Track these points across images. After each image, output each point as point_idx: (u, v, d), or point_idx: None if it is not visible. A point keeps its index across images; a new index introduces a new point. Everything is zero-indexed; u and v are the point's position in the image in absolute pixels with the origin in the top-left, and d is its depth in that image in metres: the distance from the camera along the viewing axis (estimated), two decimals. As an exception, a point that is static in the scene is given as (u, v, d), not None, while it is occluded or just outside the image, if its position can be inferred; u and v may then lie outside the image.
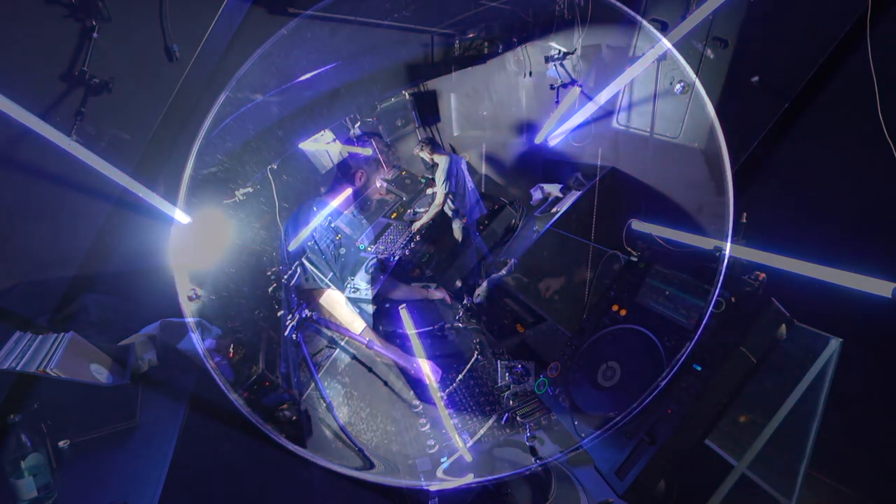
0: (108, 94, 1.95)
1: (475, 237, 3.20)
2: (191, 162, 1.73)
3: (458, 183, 3.24)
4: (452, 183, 3.18)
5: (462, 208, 3.25)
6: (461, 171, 3.25)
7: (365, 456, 1.47)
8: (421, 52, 3.26)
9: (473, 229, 3.23)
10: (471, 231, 3.22)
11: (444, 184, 3.18)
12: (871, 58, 1.73)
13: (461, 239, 3.25)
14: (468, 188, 3.29)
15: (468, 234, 3.23)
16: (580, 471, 1.57)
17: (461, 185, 3.25)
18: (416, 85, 3.41)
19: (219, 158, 2.30)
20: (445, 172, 3.17)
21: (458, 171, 3.22)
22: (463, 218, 3.24)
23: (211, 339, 2.11)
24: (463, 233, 3.26)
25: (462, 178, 3.25)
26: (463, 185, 3.26)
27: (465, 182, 3.27)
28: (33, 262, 2.05)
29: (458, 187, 3.24)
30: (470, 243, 3.18)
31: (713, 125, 1.59)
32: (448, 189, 3.19)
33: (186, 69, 2.15)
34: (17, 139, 1.79)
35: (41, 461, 1.48)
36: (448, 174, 3.17)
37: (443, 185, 3.18)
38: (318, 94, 2.65)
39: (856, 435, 2.03)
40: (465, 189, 3.27)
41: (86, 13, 1.85)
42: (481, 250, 3.15)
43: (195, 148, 1.74)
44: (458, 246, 3.21)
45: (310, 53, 2.53)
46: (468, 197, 3.27)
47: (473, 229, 3.23)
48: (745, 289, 1.29)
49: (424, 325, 2.23)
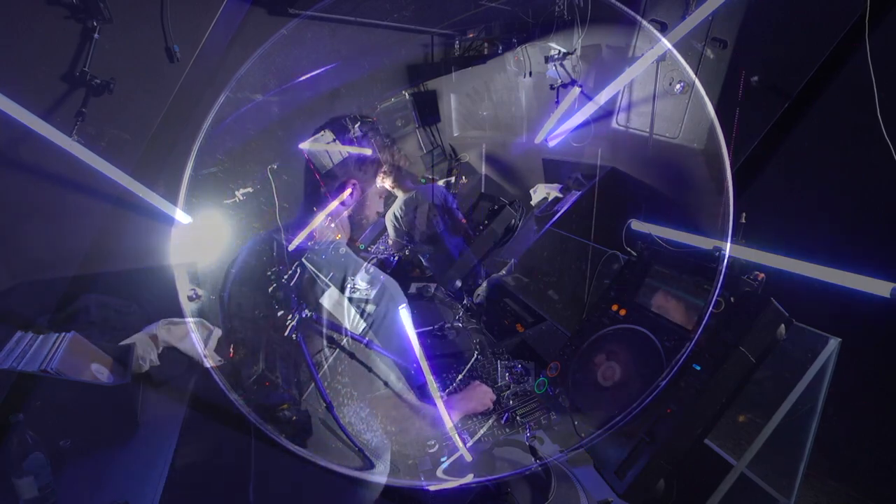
0: (108, 94, 1.95)
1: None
2: (191, 162, 1.73)
3: (413, 230, 2.53)
4: (402, 233, 2.52)
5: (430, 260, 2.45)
6: (425, 217, 2.53)
7: (365, 456, 1.47)
8: (421, 52, 3.26)
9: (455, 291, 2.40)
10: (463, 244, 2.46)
11: (393, 232, 2.58)
12: (870, 58, 1.74)
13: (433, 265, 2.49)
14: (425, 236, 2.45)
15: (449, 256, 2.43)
16: (580, 470, 1.57)
17: (416, 233, 2.52)
18: (416, 85, 3.41)
19: (219, 158, 2.30)
20: (395, 216, 2.50)
21: (418, 218, 2.51)
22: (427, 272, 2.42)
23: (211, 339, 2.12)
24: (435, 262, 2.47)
25: (423, 227, 2.47)
26: (418, 232, 2.50)
27: (420, 229, 2.50)
28: (34, 262, 2.06)
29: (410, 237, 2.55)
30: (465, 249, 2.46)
31: (713, 125, 1.59)
32: (396, 238, 2.58)
33: (186, 69, 2.16)
34: (18, 139, 1.79)
35: (42, 461, 1.49)
36: (398, 219, 2.50)
37: (392, 233, 2.60)
38: (318, 94, 2.65)
39: (855, 435, 2.03)
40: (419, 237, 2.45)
41: (87, 14, 1.85)
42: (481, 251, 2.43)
43: (195, 148, 1.74)
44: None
45: (310, 53, 2.54)
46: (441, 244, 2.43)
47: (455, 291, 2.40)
48: (745, 289, 1.29)
49: (424, 325, 2.24)
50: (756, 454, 1.37)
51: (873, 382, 1.97)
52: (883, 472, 2.03)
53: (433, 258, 2.67)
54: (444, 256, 2.46)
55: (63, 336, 1.82)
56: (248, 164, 2.39)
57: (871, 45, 1.73)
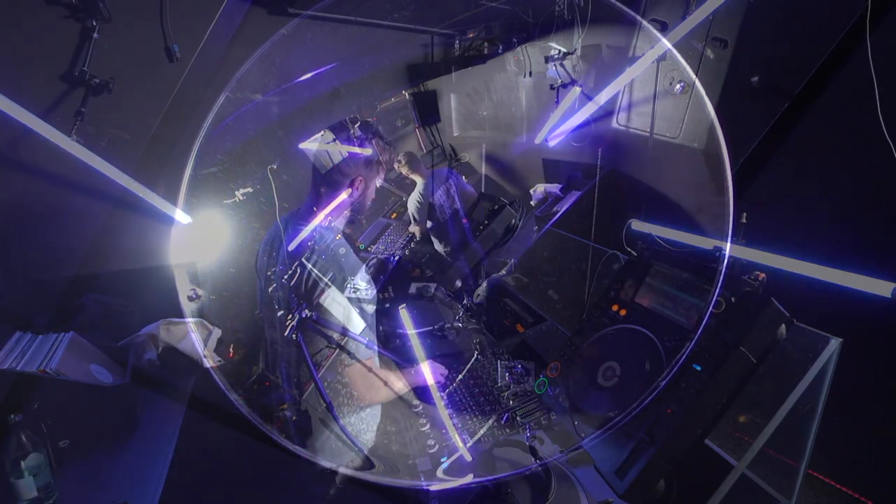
0: (108, 94, 1.95)
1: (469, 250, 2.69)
2: (191, 162, 1.73)
3: (437, 212, 2.80)
4: (424, 216, 2.79)
5: (443, 236, 2.78)
6: (446, 194, 2.84)
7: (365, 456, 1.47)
8: (421, 52, 3.26)
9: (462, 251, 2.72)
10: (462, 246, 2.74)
11: (414, 218, 2.80)
12: (871, 58, 1.73)
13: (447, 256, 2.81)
14: (447, 215, 2.79)
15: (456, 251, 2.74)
16: (580, 471, 1.57)
17: (443, 211, 2.80)
18: (416, 85, 3.41)
19: (219, 158, 2.30)
20: (417, 202, 2.78)
21: (440, 195, 2.81)
22: (446, 244, 2.78)
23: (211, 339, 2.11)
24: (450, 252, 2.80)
25: (445, 203, 2.80)
26: (446, 211, 2.80)
27: (448, 208, 2.81)
28: (33, 262, 2.05)
29: (436, 216, 2.80)
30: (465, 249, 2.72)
31: (713, 125, 1.59)
32: (420, 221, 2.80)
33: (186, 69, 2.15)
34: (17, 139, 1.79)
35: (41, 461, 1.49)
36: (420, 204, 2.77)
37: (416, 216, 2.82)
38: (318, 94, 2.65)
39: (856, 435, 2.03)
40: (447, 217, 2.78)
41: (86, 13, 1.85)
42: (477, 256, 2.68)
43: (195, 148, 1.74)
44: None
45: (310, 53, 2.53)
46: (451, 225, 2.77)
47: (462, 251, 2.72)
48: (745, 289, 1.29)
49: (424, 325, 2.24)
50: (757, 454, 1.37)
51: (873, 382, 1.97)
52: (883, 472, 2.03)
53: (434, 257, 2.75)
54: (459, 236, 2.81)
55: (63, 336, 1.82)
56: (248, 164, 2.39)
57: (872, 45, 1.73)
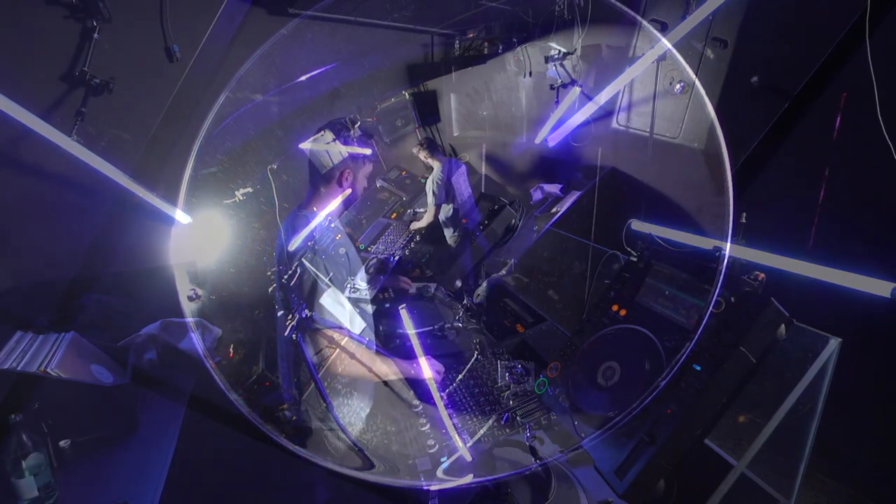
0: (108, 94, 1.95)
1: (473, 242, 2.97)
2: (191, 162, 1.73)
3: (452, 193, 3.05)
4: (442, 195, 3.02)
5: (456, 221, 3.03)
6: (458, 179, 3.08)
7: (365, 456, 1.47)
8: (421, 52, 3.26)
9: (469, 237, 3.02)
10: (467, 238, 3.02)
11: (433, 195, 3.02)
12: (870, 58, 1.74)
13: (455, 246, 3.07)
14: (464, 197, 3.08)
15: (463, 242, 3.01)
16: (580, 471, 1.57)
17: (457, 194, 3.06)
18: (416, 85, 3.41)
19: (219, 158, 2.30)
20: (436, 182, 3.02)
21: (454, 179, 3.06)
22: (456, 231, 3.05)
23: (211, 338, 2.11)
24: (458, 240, 3.06)
25: (458, 187, 3.07)
26: (459, 194, 3.06)
27: (460, 191, 3.08)
28: (33, 262, 2.05)
29: (451, 198, 3.04)
30: (465, 249, 2.97)
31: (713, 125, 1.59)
32: (438, 201, 3.04)
33: (186, 69, 2.15)
34: (17, 139, 1.79)
35: (42, 461, 1.49)
36: (440, 184, 3.01)
37: (432, 197, 3.03)
38: (318, 94, 2.65)
39: (855, 435, 2.03)
40: (461, 199, 3.06)
41: (86, 13, 1.85)
42: (482, 251, 2.95)
43: (195, 148, 1.74)
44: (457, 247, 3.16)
45: (310, 53, 2.54)
46: (464, 207, 3.06)
47: (469, 237, 3.02)
48: (745, 289, 1.29)
49: (424, 325, 2.24)
50: (756, 454, 1.37)
51: (873, 382, 1.97)
52: (883, 472, 2.03)
53: (434, 256, 2.82)
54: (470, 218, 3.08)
55: (63, 336, 1.82)
56: (248, 164, 2.40)
57: (871, 45, 1.73)
